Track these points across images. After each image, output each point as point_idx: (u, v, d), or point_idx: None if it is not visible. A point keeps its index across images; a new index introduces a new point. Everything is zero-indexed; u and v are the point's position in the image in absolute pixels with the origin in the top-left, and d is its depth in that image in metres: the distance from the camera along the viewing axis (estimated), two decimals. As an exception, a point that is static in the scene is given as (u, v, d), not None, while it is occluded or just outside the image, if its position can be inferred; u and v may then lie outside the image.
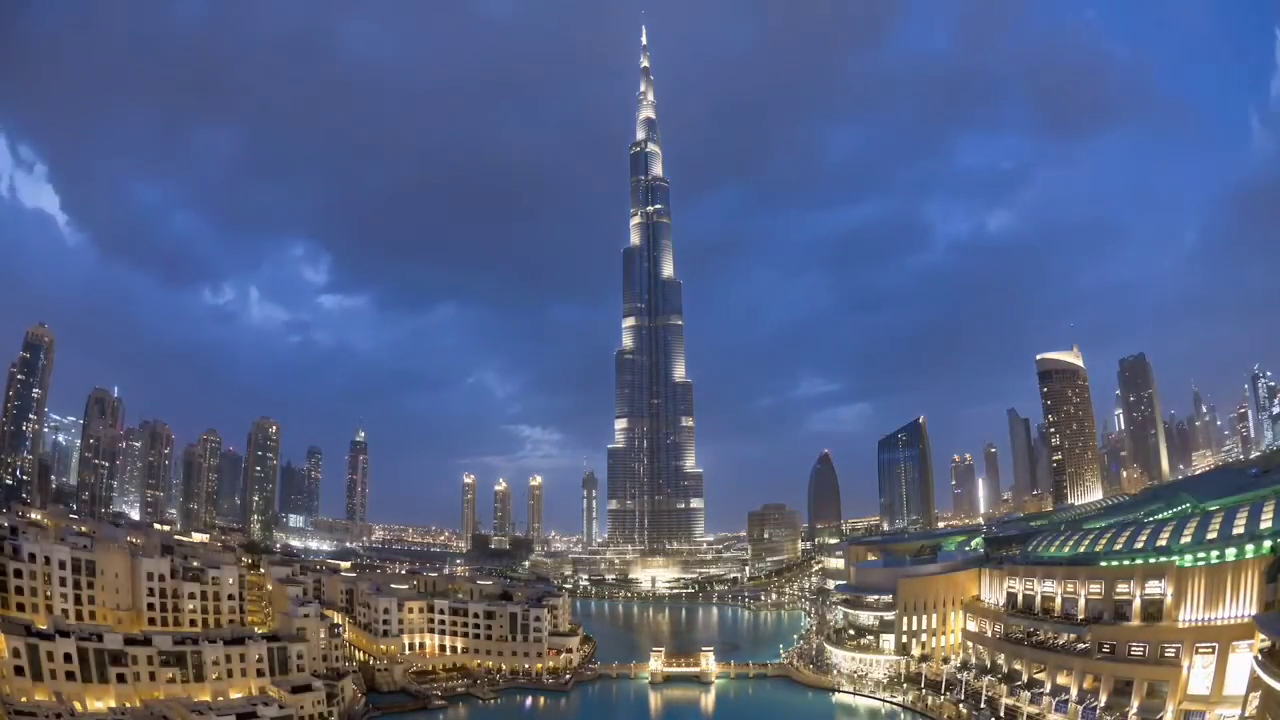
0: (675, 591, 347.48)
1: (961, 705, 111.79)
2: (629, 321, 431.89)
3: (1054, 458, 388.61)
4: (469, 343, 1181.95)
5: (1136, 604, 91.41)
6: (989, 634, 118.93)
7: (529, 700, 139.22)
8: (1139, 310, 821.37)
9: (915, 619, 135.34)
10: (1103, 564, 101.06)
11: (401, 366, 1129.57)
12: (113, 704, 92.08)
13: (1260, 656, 64.93)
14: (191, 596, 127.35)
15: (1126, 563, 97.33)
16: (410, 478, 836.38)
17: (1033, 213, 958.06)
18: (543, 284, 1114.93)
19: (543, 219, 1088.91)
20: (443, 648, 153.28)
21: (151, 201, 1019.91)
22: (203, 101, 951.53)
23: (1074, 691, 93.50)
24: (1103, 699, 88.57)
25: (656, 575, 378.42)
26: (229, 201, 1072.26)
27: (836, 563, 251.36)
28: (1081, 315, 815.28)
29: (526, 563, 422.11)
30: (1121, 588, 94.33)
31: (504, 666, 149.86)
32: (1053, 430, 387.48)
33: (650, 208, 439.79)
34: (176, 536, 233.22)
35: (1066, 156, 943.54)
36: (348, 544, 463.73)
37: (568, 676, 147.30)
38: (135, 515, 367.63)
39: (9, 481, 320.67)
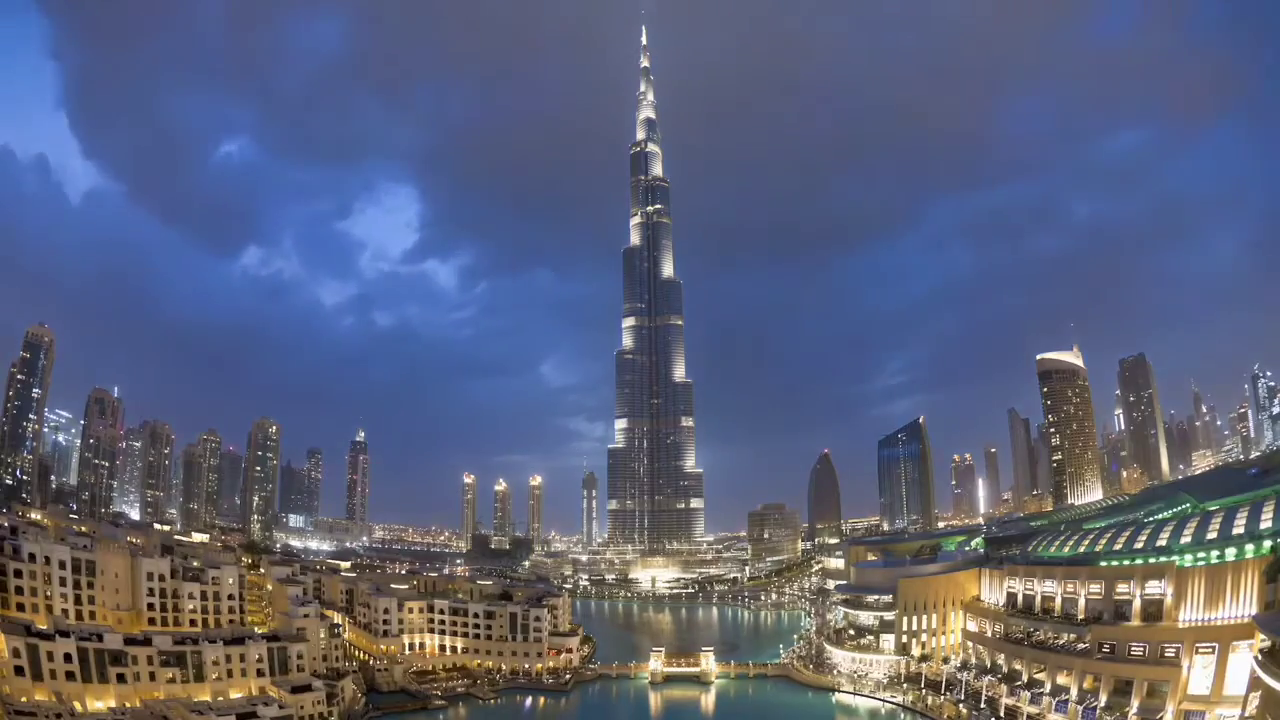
0: (675, 591, 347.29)
1: (961, 705, 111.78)
2: (629, 321, 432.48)
3: (1054, 458, 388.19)
4: (551, 321, 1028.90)
5: (1136, 604, 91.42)
6: (989, 634, 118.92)
7: (529, 700, 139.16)
8: (1181, 306, 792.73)
9: (915, 619, 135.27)
10: (1103, 564, 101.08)
11: (465, 351, 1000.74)
12: (113, 704, 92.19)
13: (1260, 656, 64.92)
14: (191, 596, 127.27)
15: (1126, 563, 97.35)
16: (430, 477, 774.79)
17: (1149, 202, 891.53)
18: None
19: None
20: (443, 648, 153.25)
21: (197, 125, 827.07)
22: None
23: (1074, 691, 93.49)
24: (1103, 699, 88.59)
25: (656, 575, 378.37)
26: (303, 127, 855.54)
27: (836, 563, 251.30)
28: (1140, 309, 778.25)
29: (526, 563, 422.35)
30: (1121, 588, 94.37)
31: (504, 666, 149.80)
32: (1053, 430, 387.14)
33: (650, 208, 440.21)
34: (176, 536, 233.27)
35: (1191, 147, 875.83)
36: (348, 544, 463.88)
37: (568, 676, 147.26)
38: (135, 515, 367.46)
39: (9, 481, 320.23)
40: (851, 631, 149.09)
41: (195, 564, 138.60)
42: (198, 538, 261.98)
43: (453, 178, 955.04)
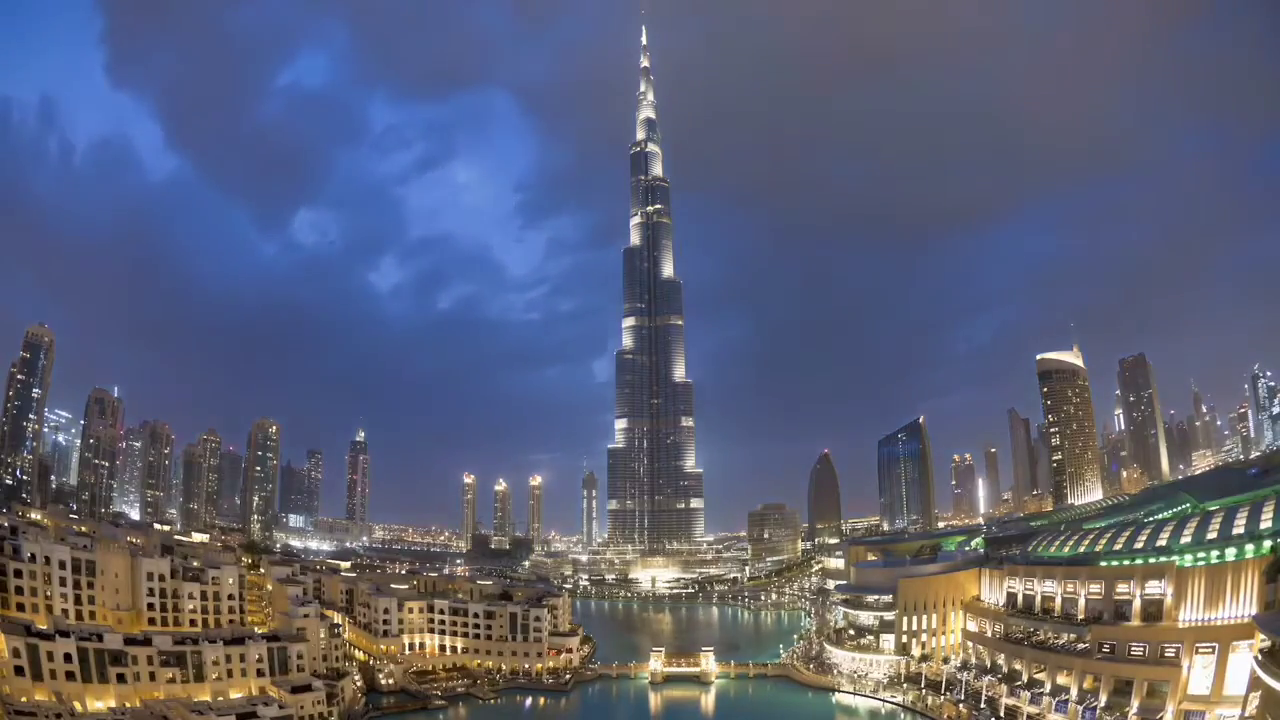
0: (675, 591, 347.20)
1: (961, 705, 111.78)
2: (629, 321, 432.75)
3: (1054, 458, 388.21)
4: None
5: (1136, 604, 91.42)
6: (989, 634, 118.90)
7: (529, 700, 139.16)
8: (1205, 306, 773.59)
9: (915, 619, 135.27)
10: (1103, 564, 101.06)
11: (526, 336, 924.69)
12: (113, 704, 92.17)
13: (1260, 656, 64.94)
14: (191, 596, 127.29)
15: (1126, 563, 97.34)
16: (432, 477, 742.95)
17: (1222, 200, 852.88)
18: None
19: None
20: (443, 648, 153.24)
21: (260, 40, 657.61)
22: None
23: (1074, 691, 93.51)
24: (1103, 699, 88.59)
25: (656, 575, 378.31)
26: (397, 44, 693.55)
27: (836, 563, 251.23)
28: (1176, 308, 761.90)
29: (526, 563, 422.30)
30: (1121, 588, 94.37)
31: (504, 666, 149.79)
32: (1053, 430, 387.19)
33: (650, 208, 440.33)
34: (176, 536, 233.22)
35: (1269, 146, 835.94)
36: (348, 544, 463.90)
37: (568, 676, 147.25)
38: (135, 515, 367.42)
39: (9, 481, 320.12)
40: (851, 631, 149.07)
41: (195, 564, 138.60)
42: (198, 538, 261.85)
43: (573, 121, 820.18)
